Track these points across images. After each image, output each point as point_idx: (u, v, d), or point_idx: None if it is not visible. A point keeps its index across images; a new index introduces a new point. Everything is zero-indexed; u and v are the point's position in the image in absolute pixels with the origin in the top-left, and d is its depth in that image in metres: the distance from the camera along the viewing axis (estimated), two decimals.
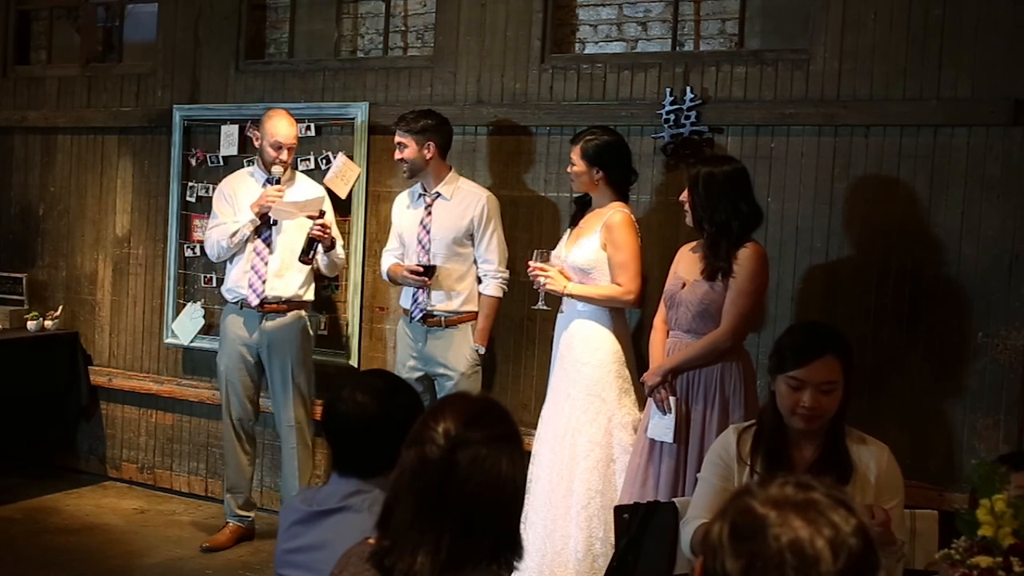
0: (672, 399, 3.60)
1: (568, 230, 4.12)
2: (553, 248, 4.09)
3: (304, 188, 4.75)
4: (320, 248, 4.56)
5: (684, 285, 3.68)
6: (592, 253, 3.91)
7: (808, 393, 2.57)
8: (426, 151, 4.35)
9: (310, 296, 4.77)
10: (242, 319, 4.71)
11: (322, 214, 4.51)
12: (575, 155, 3.97)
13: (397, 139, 4.40)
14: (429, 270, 4.32)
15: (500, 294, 4.41)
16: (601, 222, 3.92)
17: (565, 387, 3.94)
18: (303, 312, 4.76)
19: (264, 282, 4.62)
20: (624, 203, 3.99)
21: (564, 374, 3.96)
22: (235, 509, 4.86)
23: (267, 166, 4.69)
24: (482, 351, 4.42)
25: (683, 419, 3.60)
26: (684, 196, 3.70)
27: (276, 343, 4.68)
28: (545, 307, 4.00)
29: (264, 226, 4.64)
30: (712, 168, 3.64)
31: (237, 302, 4.71)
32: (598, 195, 4.00)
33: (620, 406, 3.88)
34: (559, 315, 4.06)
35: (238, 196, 4.74)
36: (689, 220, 3.69)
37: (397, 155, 4.41)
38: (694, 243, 3.75)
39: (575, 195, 4.19)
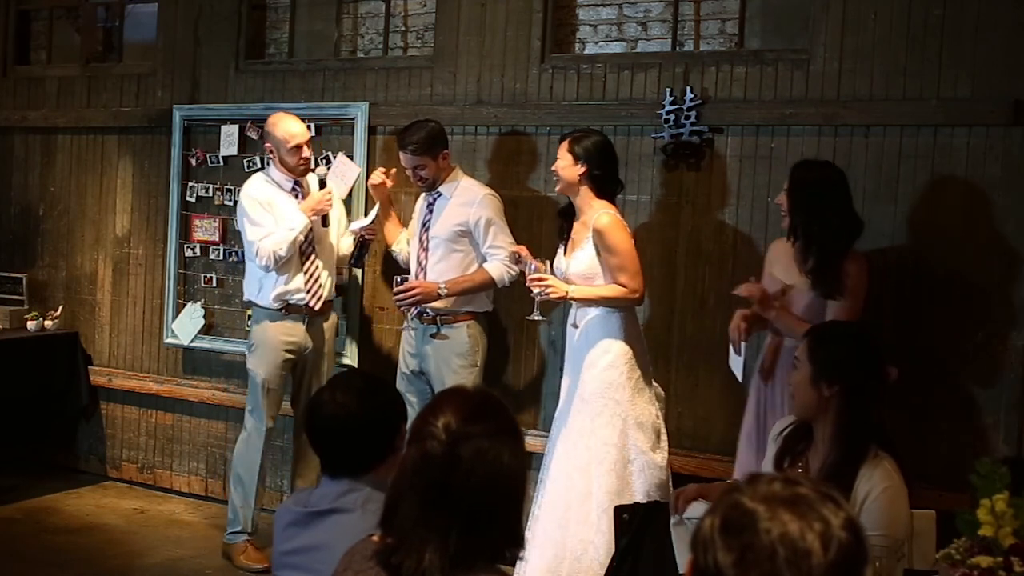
0: (743, 344, 3.62)
1: (561, 246, 4.07)
2: (540, 256, 4.02)
3: (312, 185, 4.72)
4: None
5: (783, 289, 3.63)
6: (590, 259, 3.88)
7: None
8: (441, 160, 4.37)
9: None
10: (290, 324, 4.60)
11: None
12: (562, 149, 3.94)
13: (413, 163, 4.33)
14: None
15: (497, 275, 4.31)
16: (590, 229, 3.88)
17: (577, 390, 3.91)
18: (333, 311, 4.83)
19: (322, 285, 4.62)
20: (609, 203, 3.93)
21: (576, 376, 3.93)
22: (257, 523, 4.65)
23: (291, 171, 4.60)
24: (444, 291, 4.28)
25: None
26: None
27: (320, 343, 4.70)
28: (540, 318, 3.98)
29: (310, 231, 4.58)
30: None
31: (280, 308, 4.58)
32: (581, 197, 3.92)
33: (633, 406, 3.85)
34: (568, 318, 4.02)
35: (275, 205, 4.58)
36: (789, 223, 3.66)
37: (414, 176, 4.38)
38: (788, 241, 3.69)
39: (560, 207, 4.15)
